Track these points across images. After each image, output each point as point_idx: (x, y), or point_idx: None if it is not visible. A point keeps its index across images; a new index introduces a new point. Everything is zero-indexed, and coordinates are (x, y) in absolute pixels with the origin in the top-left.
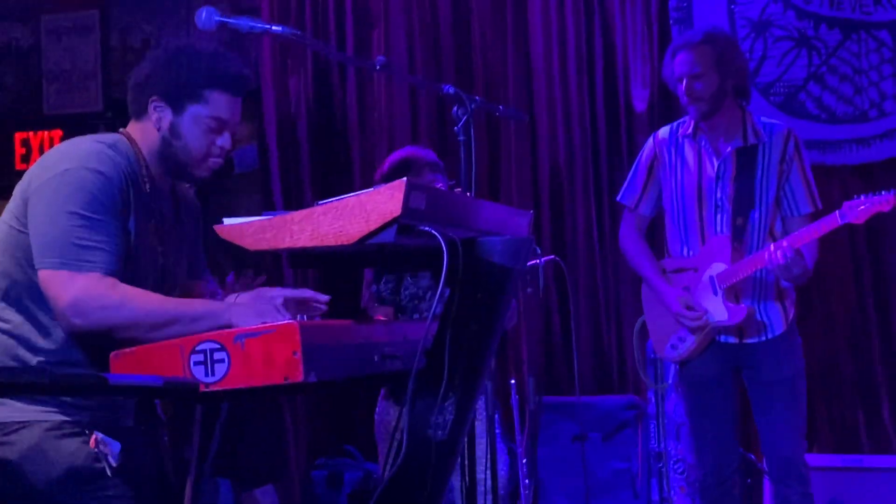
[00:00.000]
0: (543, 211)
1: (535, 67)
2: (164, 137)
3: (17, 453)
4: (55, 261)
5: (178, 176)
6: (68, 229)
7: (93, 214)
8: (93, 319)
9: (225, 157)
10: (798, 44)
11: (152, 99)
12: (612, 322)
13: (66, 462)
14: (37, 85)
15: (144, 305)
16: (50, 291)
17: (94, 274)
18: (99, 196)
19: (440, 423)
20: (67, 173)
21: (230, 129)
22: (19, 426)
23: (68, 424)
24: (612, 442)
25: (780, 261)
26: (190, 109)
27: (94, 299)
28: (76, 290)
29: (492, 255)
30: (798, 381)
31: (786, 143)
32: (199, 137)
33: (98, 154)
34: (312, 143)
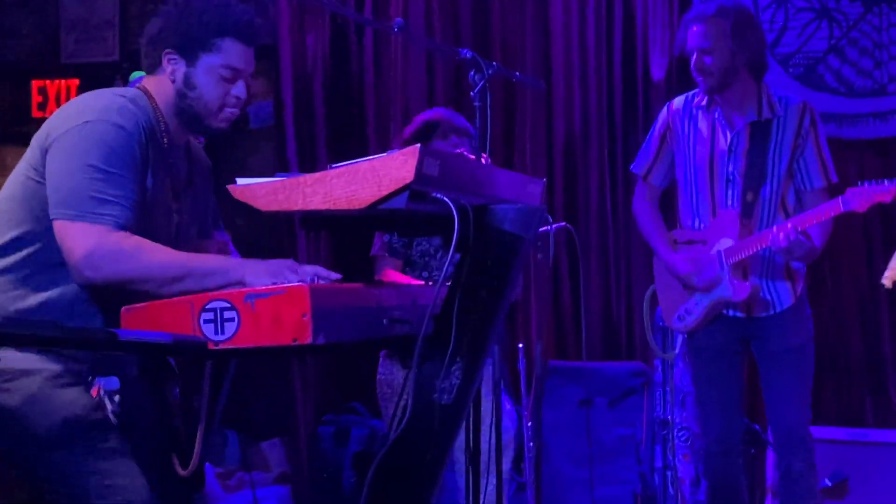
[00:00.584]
0: (557, 177)
1: (554, 32)
2: (178, 89)
3: (18, 400)
4: (71, 212)
5: (195, 128)
6: (85, 182)
7: (111, 168)
8: (105, 272)
9: (241, 108)
10: (819, 15)
11: (166, 52)
12: (623, 289)
13: (65, 410)
14: (55, 33)
15: (157, 259)
16: (65, 243)
17: (108, 227)
18: (118, 150)
19: (446, 388)
20: (87, 125)
21: (244, 79)
22: (20, 373)
23: (69, 374)
24: (618, 408)
25: (782, 244)
26: (203, 59)
27: (107, 252)
28: (90, 243)
29: (503, 223)
30: (807, 350)
31: (801, 117)
32: (213, 87)
33: (120, 108)
34: (328, 100)
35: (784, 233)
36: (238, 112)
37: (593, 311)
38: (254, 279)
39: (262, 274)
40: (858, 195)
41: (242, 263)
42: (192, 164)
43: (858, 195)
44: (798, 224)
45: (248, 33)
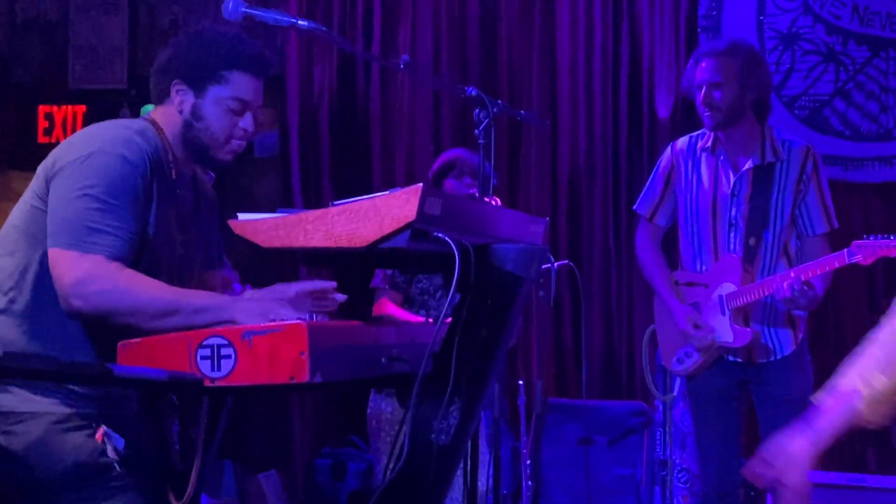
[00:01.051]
0: (561, 214)
1: (560, 69)
2: (186, 120)
3: (23, 444)
4: (65, 240)
5: (202, 160)
6: (83, 212)
7: (111, 199)
8: (93, 302)
9: (248, 140)
10: (826, 58)
11: (174, 82)
12: (624, 328)
13: (70, 457)
14: (63, 59)
15: (147, 292)
16: (55, 270)
17: (100, 257)
18: (120, 182)
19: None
20: (92, 156)
21: (252, 111)
22: (26, 416)
23: (75, 417)
24: (618, 447)
25: (786, 293)
26: (211, 91)
27: (95, 283)
28: (80, 271)
29: (504, 263)
30: (806, 399)
31: (804, 161)
32: (220, 118)
33: (126, 140)
34: (333, 131)
35: (788, 282)
36: (245, 144)
37: (595, 348)
38: (244, 318)
39: (253, 313)
40: (863, 248)
41: (234, 301)
42: (198, 194)
43: (863, 248)
44: (801, 274)
45: (258, 66)
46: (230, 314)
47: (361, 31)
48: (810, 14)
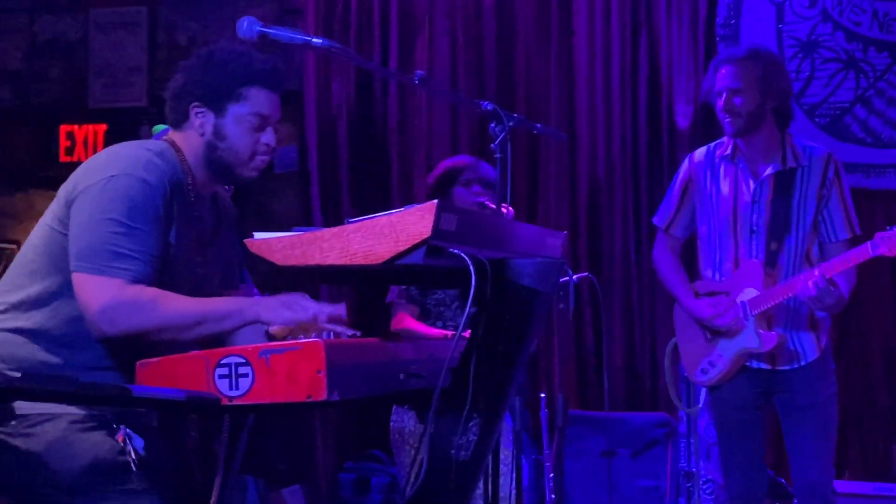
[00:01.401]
0: (581, 226)
1: (578, 80)
2: (208, 142)
3: (42, 445)
4: (88, 266)
5: (225, 178)
6: (106, 236)
7: (132, 223)
8: (122, 326)
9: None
10: (846, 66)
11: (193, 105)
12: (647, 339)
13: (89, 454)
14: (83, 79)
15: (173, 307)
16: (81, 297)
17: (124, 281)
18: (141, 205)
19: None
20: (113, 180)
21: (272, 125)
22: (44, 419)
23: (92, 418)
24: (642, 459)
25: (811, 291)
26: (231, 110)
27: (122, 307)
28: (106, 297)
29: (521, 278)
30: (830, 407)
31: (826, 167)
32: (243, 136)
33: (146, 162)
34: (352, 146)
35: (813, 280)
36: (268, 159)
37: (617, 360)
38: (269, 315)
39: (276, 308)
40: (887, 239)
41: (256, 302)
42: (218, 214)
43: (887, 239)
44: (826, 271)
45: (273, 80)
46: (254, 313)
47: (378, 46)
48: (830, 21)
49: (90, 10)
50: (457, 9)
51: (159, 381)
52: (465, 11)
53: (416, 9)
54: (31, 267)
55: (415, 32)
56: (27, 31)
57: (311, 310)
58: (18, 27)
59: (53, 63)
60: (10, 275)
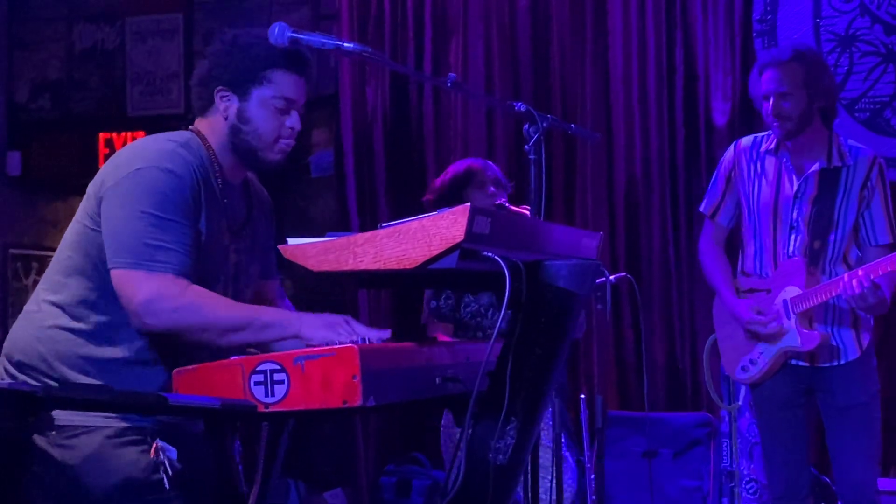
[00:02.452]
0: (618, 225)
1: (614, 78)
2: (232, 125)
3: (78, 458)
4: (128, 260)
5: (251, 163)
6: (141, 229)
7: (165, 214)
8: (165, 320)
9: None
10: (885, 59)
11: (218, 89)
12: (687, 338)
13: (124, 472)
14: (121, 86)
15: (216, 310)
16: (123, 291)
17: (168, 275)
18: (171, 196)
19: (501, 448)
20: (139, 172)
21: (297, 109)
22: (81, 431)
23: (130, 431)
24: (683, 459)
25: (855, 290)
26: (255, 93)
27: (167, 300)
28: (149, 290)
29: (556, 280)
30: (872, 406)
31: (870, 169)
32: (267, 119)
33: (171, 153)
34: (388, 149)
35: (857, 280)
36: (293, 143)
37: (657, 360)
38: (310, 332)
39: (318, 327)
40: None
41: (299, 317)
42: (251, 202)
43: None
44: (870, 272)
45: (297, 63)
46: (296, 328)
47: (413, 49)
48: (867, 15)
49: (127, 18)
50: (491, 11)
51: (195, 388)
52: (499, 13)
53: (449, 12)
54: (68, 264)
55: (449, 35)
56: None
57: (354, 334)
58: (57, 36)
59: (92, 71)
60: (49, 274)
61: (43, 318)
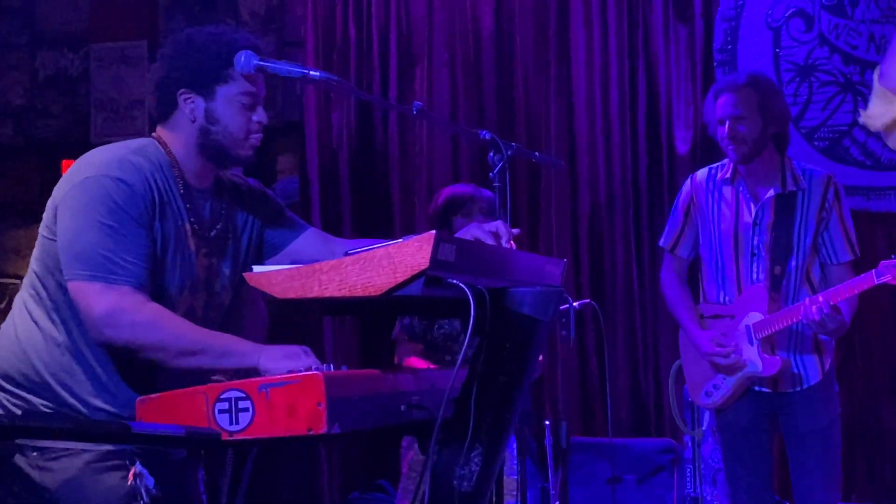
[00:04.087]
0: (582, 252)
1: (577, 108)
2: (201, 127)
3: (56, 482)
4: (85, 272)
5: (223, 161)
6: (95, 240)
7: (118, 224)
8: (123, 334)
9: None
10: (843, 89)
11: (181, 92)
12: (650, 365)
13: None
14: (85, 113)
15: (175, 330)
16: (81, 302)
17: (126, 287)
18: (122, 203)
19: (465, 475)
20: (87, 181)
21: (260, 103)
22: (62, 453)
23: (112, 455)
24: (648, 485)
25: (815, 316)
26: (220, 92)
27: (125, 314)
28: (108, 302)
29: (521, 307)
30: (833, 431)
31: (825, 190)
32: (236, 117)
33: (120, 160)
34: (353, 176)
35: (816, 306)
36: (261, 137)
37: (621, 386)
38: (269, 364)
39: (278, 358)
40: (892, 268)
41: (259, 348)
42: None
43: (892, 268)
44: (830, 298)
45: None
46: (254, 360)
47: (378, 77)
48: (826, 45)
49: (91, 44)
50: (456, 39)
51: (159, 416)
52: (463, 41)
53: (414, 40)
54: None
55: (414, 63)
56: (28, 66)
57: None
58: (19, 63)
59: (55, 98)
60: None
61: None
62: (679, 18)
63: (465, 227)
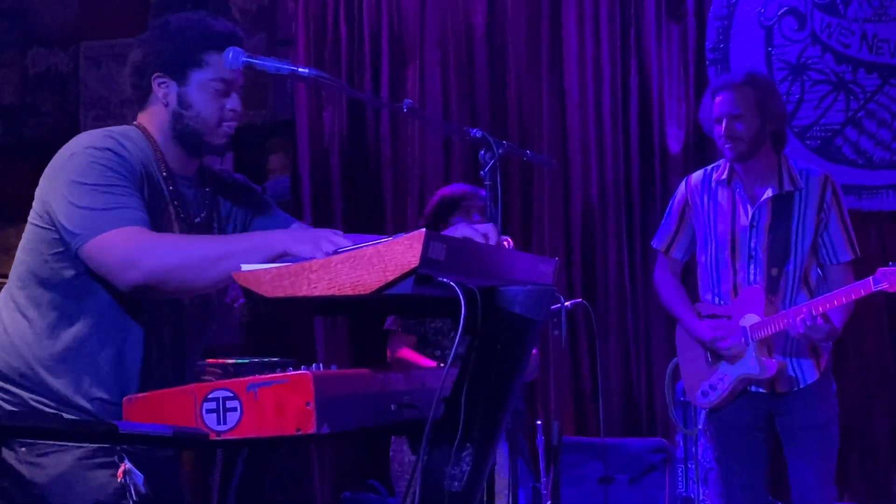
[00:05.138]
0: (575, 252)
1: (570, 106)
2: (174, 111)
3: (46, 478)
4: (90, 232)
5: (196, 149)
6: (93, 202)
7: (110, 182)
8: (145, 268)
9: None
10: (836, 88)
11: (155, 76)
12: (643, 364)
13: (91, 496)
14: (75, 111)
15: (191, 245)
16: (95, 261)
17: (133, 227)
18: (113, 167)
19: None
20: (74, 156)
21: (236, 91)
22: (54, 449)
23: (102, 452)
24: (639, 485)
25: (799, 329)
26: (193, 77)
27: (140, 249)
28: (120, 246)
29: (512, 306)
30: (830, 428)
31: (823, 189)
32: (208, 102)
33: (102, 136)
34: (344, 175)
35: (801, 317)
36: (235, 125)
37: (613, 386)
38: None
39: (305, 242)
40: (889, 276)
41: (285, 233)
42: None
43: (889, 276)
44: (815, 308)
45: (233, 44)
46: (283, 246)
47: (370, 74)
48: (818, 44)
49: (81, 42)
50: (448, 37)
51: (146, 416)
52: (455, 39)
53: (406, 39)
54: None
55: (406, 61)
56: (19, 64)
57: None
58: (10, 61)
59: (45, 96)
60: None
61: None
62: (671, 17)
63: (455, 227)
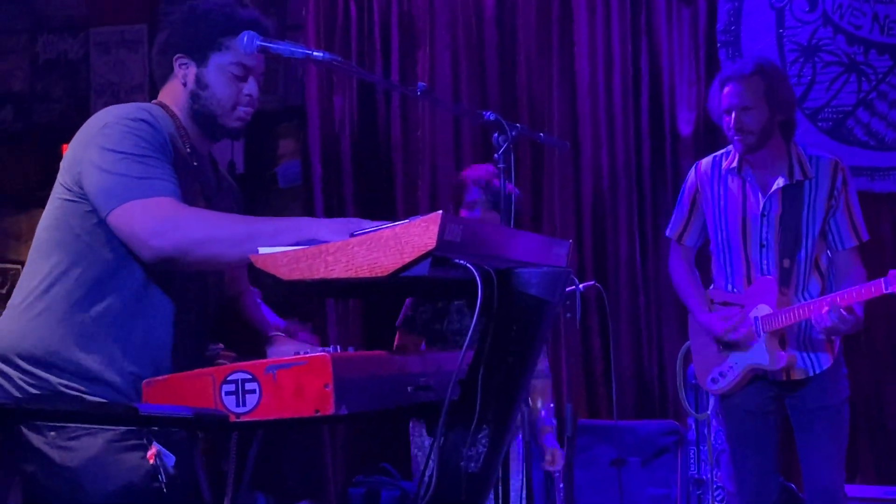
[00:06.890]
0: (586, 235)
1: (580, 89)
2: (191, 91)
3: (78, 461)
4: (120, 200)
5: (211, 130)
6: (125, 170)
7: (144, 153)
8: (171, 239)
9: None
10: (847, 69)
11: (176, 56)
12: (654, 347)
13: (125, 478)
14: (85, 97)
15: (220, 220)
16: (123, 230)
17: (163, 198)
18: (147, 137)
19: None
20: (107, 126)
21: (255, 77)
22: (83, 432)
23: (132, 434)
24: (651, 467)
25: (826, 322)
26: (213, 59)
27: (167, 220)
28: (148, 214)
29: (528, 287)
30: (842, 411)
31: (833, 176)
32: (225, 85)
33: (136, 108)
34: (355, 160)
35: (827, 310)
36: (252, 111)
37: (625, 368)
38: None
39: (335, 230)
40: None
41: (313, 219)
42: (219, 175)
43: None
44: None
45: (257, 30)
46: (312, 231)
47: (380, 59)
48: (830, 25)
49: (91, 29)
50: (458, 20)
51: (166, 399)
52: (465, 23)
53: (416, 21)
54: (47, 246)
55: (416, 45)
56: (29, 51)
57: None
58: (20, 48)
59: (55, 83)
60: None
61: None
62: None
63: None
